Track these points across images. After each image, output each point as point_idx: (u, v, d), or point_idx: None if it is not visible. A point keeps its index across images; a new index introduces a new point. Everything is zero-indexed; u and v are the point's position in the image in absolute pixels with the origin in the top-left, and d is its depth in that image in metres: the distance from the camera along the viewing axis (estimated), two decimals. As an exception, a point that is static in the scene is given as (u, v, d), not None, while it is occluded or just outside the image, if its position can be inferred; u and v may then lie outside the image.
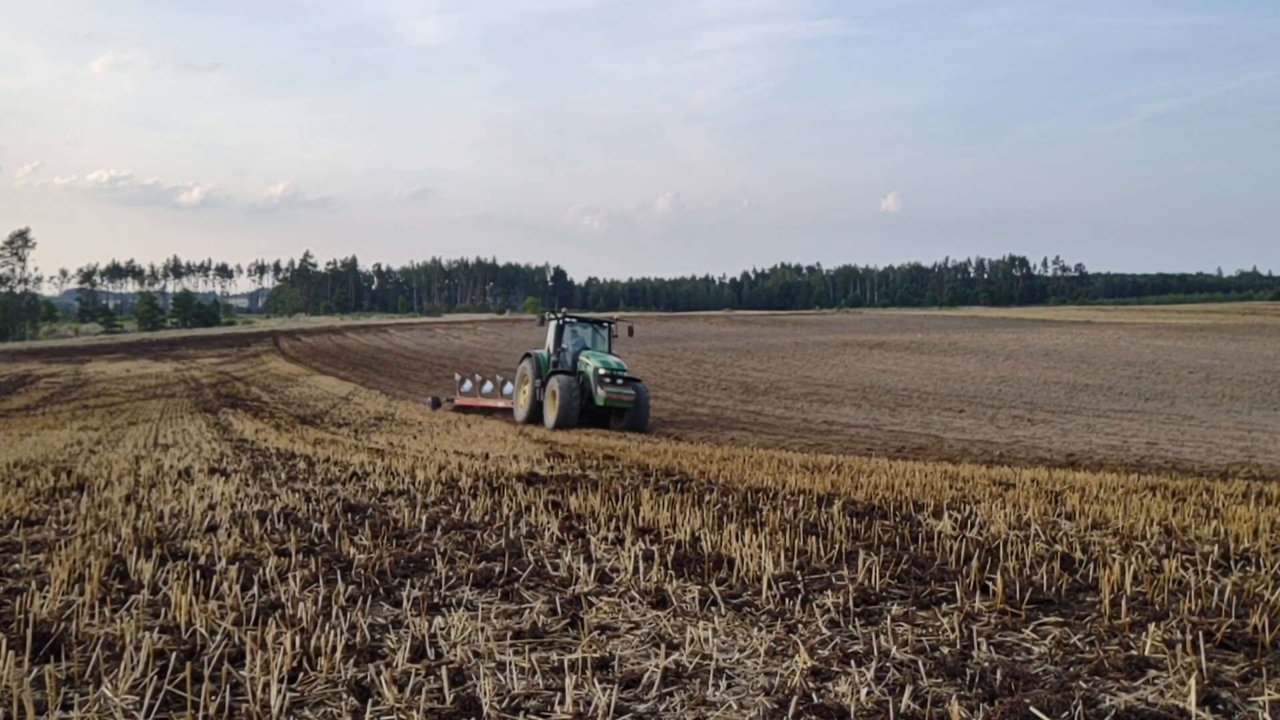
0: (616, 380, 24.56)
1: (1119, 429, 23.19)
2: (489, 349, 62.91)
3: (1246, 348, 48.28)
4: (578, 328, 27.86)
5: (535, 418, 25.87)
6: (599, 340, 27.86)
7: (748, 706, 3.01)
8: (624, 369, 25.24)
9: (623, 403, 24.36)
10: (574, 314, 28.78)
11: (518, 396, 27.54)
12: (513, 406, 28.22)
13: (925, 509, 7.44)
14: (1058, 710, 2.83)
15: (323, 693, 3.17)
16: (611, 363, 25.11)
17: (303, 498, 8.00)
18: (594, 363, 24.89)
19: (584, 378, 25.15)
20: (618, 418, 24.95)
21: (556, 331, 27.27)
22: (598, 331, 28.15)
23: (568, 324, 27.65)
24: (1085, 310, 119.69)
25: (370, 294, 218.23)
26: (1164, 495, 8.66)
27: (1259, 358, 43.30)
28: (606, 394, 24.10)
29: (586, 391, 24.70)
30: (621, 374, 24.83)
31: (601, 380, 24.38)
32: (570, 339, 27.28)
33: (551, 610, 4.17)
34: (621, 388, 24.48)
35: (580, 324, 28.10)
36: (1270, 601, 4.15)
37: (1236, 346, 49.16)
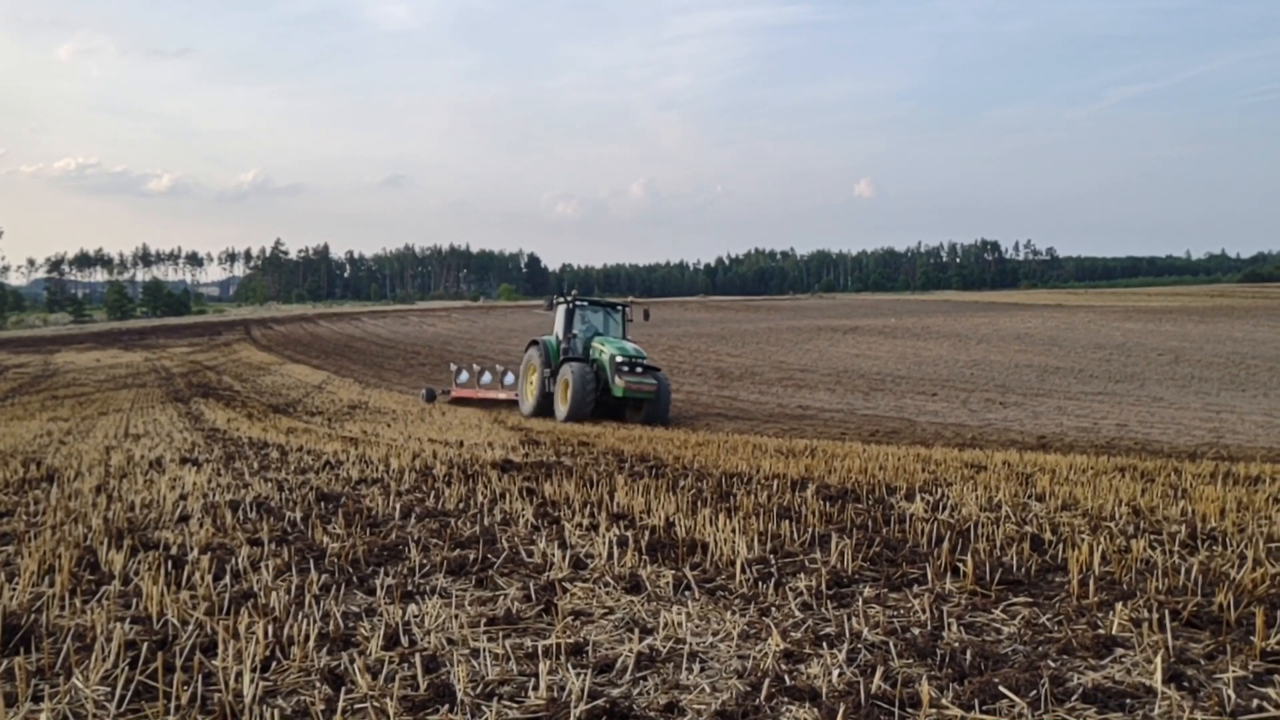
0: (635, 368, 22.60)
1: (1089, 411, 23.40)
2: (463, 336, 62.72)
3: (1214, 330, 48.81)
4: (589, 312, 25.65)
5: (544, 410, 23.87)
6: (612, 325, 25.71)
7: (720, 689, 3.03)
8: (643, 356, 23.21)
9: (643, 393, 22.34)
10: (585, 297, 26.38)
11: (524, 387, 25.49)
12: (516, 398, 26.42)
13: (898, 492, 7.49)
14: (1026, 689, 2.87)
15: (295, 681, 3.16)
16: (629, 349, 23.16)
17: (275, 487, 7.96)
18: (610, 349, 22.94)
19: (598, 366, 23.15)
20: (635, 410, 23.03)
21: (566, 316, 24.99)
22: (610, 315, 25.96)
23: (578, 308, 25.33)
24: (1056, 294, 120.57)
25: (343, 282, 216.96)
26: (1133, 476, 8.75)
27: (1227, 339, 43.79)
28: (625, 384, 22.16)
29: (601, 381, 22.73)
30: (641, 362, 22.85)
31: (619, 368, 22.40)
32: (580, 324, 25.06)
33: (526, 597, 4.18)
34: (642, 377, 22.51)
35: (592, 308, 25.89)
36: (1236, 580, 4.21)
37: (1205, 329, 49.69)
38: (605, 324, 25.60)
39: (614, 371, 22.38)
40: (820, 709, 2.79)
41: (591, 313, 25.67)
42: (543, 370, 24.28)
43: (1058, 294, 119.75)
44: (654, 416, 22.34)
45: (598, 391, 22.45)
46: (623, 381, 22.13)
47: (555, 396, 23.27)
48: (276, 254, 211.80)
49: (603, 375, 22.79)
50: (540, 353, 24.65)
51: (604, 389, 22.61)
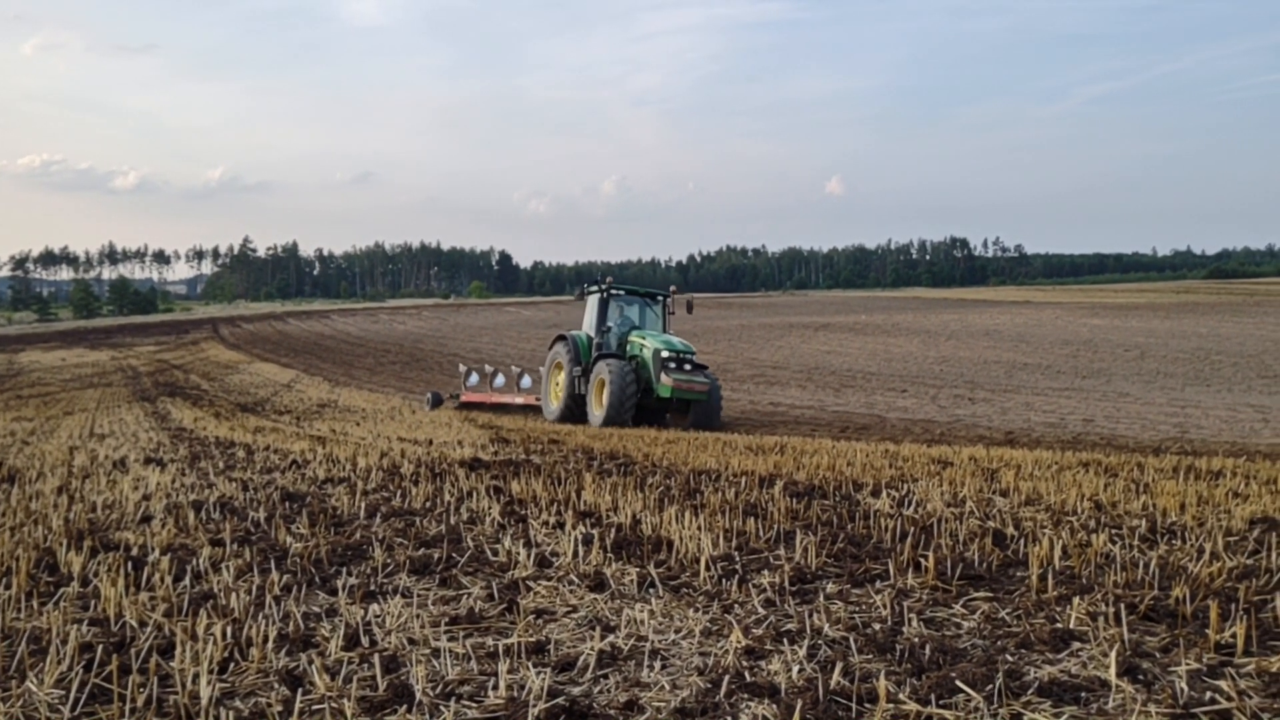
0: (684, 365, 19.82)
1: (1056, 406, 23.60)
2: (434, 334, 62.46)
3: (1180, 326, 49.37)
4: (624, 302, 22.72)
5: (573, 414, 20.97)
6: (649, 318, 22.81)
7: (681, 687, 3.03)
8: (692, 351, 20.43)
9: (694, 394, 19.42)
10: (622, 285, 23.05)
11: (548, 389, 22.50)
12: (534, 402, 23.83)
13: (865, 488, 7.53)
14: (982, 683, 2.89)
15: (254, 683, 3.14)
16: (676, 343, 20.22)
17: (240, 487, 7.90)
18: (654, 343, 20.09)
19: (639, 363, 20.34)
20: (679, 414, 20.17)
21: (599, 307, 21.99)
22: (649, 307, 22.98)
23: (613, 297, 22.38)
24: (1024, 290, 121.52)
25: (312, 279, 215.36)
26: (1097, 471, 8.83)
27: (1192, 335, 44.29)
28: (674, 382, 19.25)
29: (642, 380, 19.87)
30: (690, 357, 20.11)
31: (665, 365, 19.61)
32: (615, 317, 22.21)
33: (489, 596, 4.17)
34: (692, 375, 19.71)
35: (628, 298, 22.91)
36: (1193, 573, 4.26)
37: (1170, 325, 50.24)
38: (642, 316, 22.81)
39: (659, 369, 19.66)
40: (779, 706, 2.80)
41: (626, 304, 22.82)
42: (571, 369, 21.38)
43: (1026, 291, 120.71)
44: (704, 421, 19.41)
45: (639, 393, 19.70)
46: (670, 380, 19.35)
47: (589, 398, 20.45)
48: (245, 252, 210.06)
49: (644, 374, 20.03)
50: (569, 349, 21.74)
51: (645, 389, 19.89)
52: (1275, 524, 5.68)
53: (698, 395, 19.49)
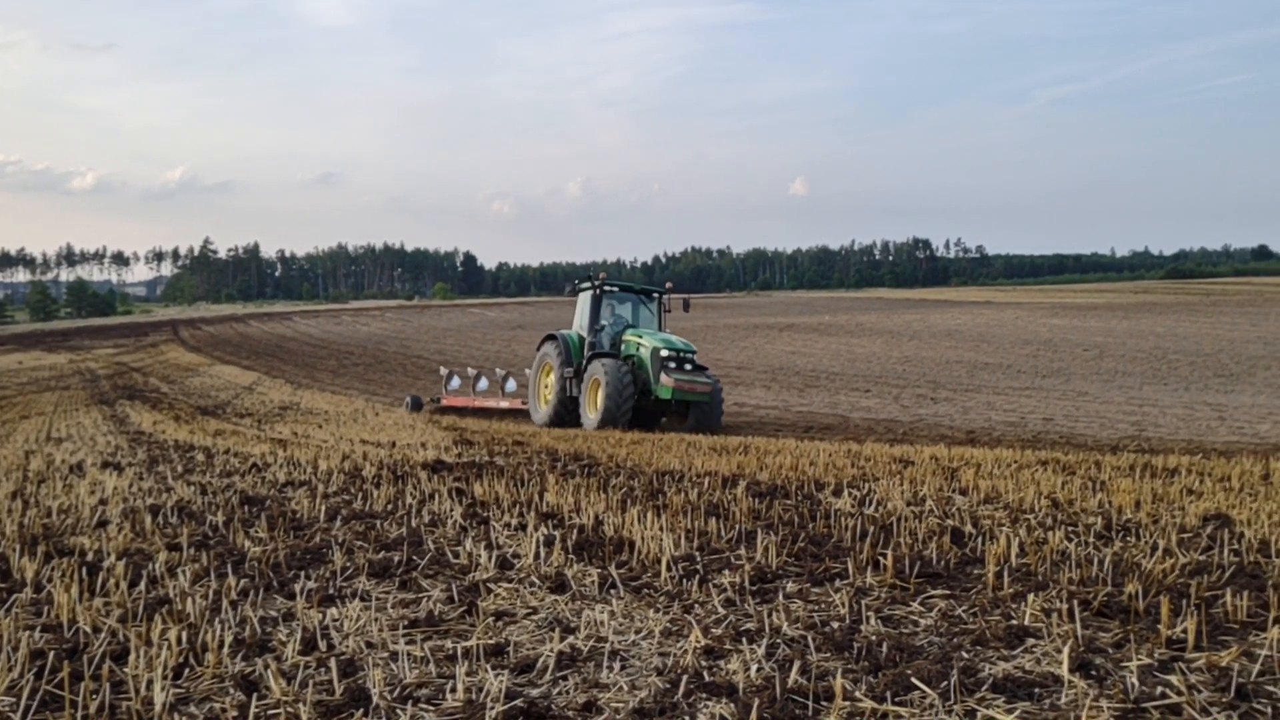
0: (684, 365, 19.00)
1: (1017, 406, 23.84)
2: (398, 336, 62.08)
3: (1138, 325, 50.03)
4: (617, 300, 21.84)
5: (565, 417, 20.05)
6: (644, 316, 21.90)
7: (640, 687, 3.04)
8: (692, 350, 19.59)
9: (696, 395, 18.59)
10: (615, 281, 22.08)
11: (536, 391, 21.58)
12: (520, 406, 22.91)
13: (827, 488, 7.57)
14: (937, 680, 2.91)
15: (209, 688, 3.11)
16: (676, 342, 19.41)
17: (199, 490, 7.82)
18: (652, 342, 19.25)
19: (636, 363, 19.44)
20: (677, 417, 19.33)
21: (592, 304, 21.01)
22: (644, 304, 22.04)
23: (606, 295, 21.42)
24: (985, 291, 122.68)
25: (274, 281, 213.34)
26: (1055, 469, 8.94)
27: (1149, 335, 44.91)
28: (675, 383, 18.39)
29: (639, 381, 18.99)
30: (691, 357, 19.32)
31: (665, 365, 18.77)
32: (607, 315, 21.33)
33: (449, 598, 4.15)
34: (693, 375, 18.91)
35: (621, 295, 22.00)
36: (1146, 570, 4.32)
37: (1128, 324, 50.89)
38: (636, 314, 21.93)
39: (658, 368, 18.80)
40: (737, 705, 2.81)
41: (619, 301, 21.92)
42: (562, 370, 20.44)
43: (987, 291, 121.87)
44: (705, 424, 18.56)
45: (636, 394, 18.85)
46: (671, 380, 18.47)
47: (582, 401, 19.53)
48: (205, 253, 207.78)
49: (641, 374, 19.16)
50: (559, 349, 20.83)
51: (643, 390, 19.04)
52: (1228, 520, 5.77)
53: (700, 396, 18.69)
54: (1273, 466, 9.17)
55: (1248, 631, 3.51)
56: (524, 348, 46.92)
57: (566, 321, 23.06)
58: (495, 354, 44.34)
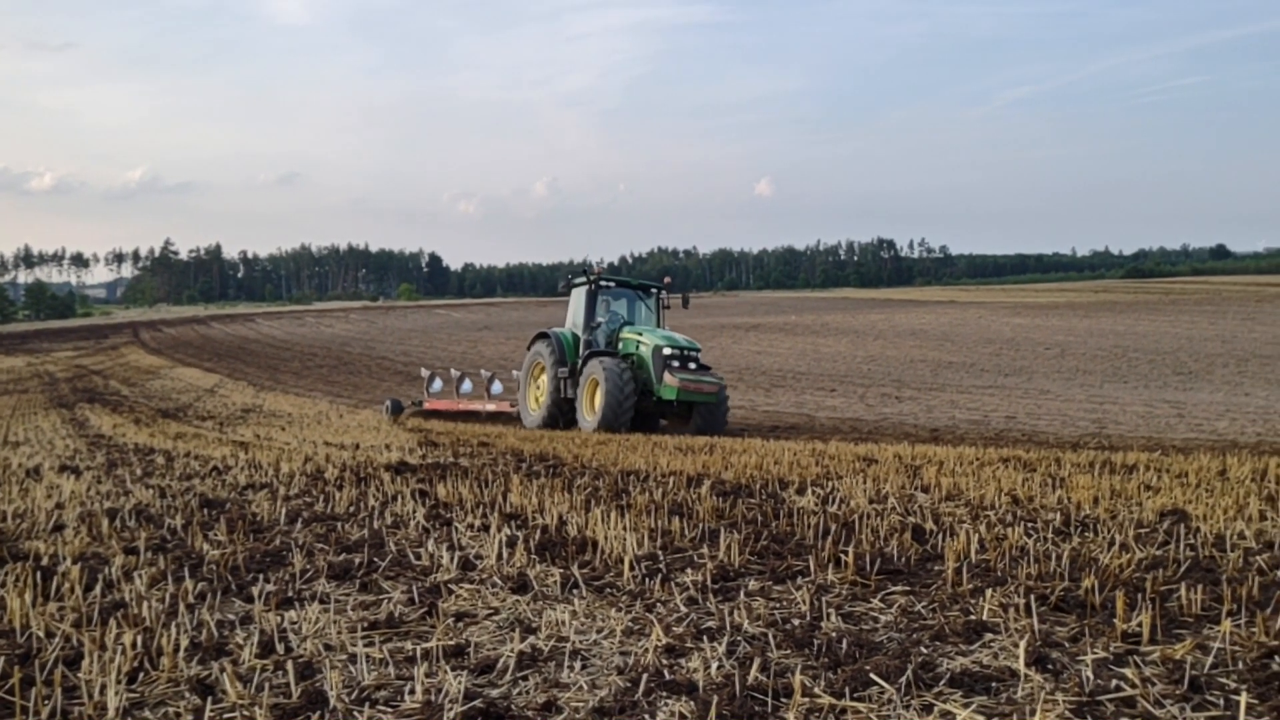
0: (688, 364, 18.01)
1: (980, 404, 24.05)
2: (362, 337, 61.67)
3: (1098, 324, 50.61)
4: (612, 296, 20.70)
5: (557, 419, 19.14)
6: (642, 313, 20.86)
7: (600, 686, 3.03)
8: (697, 348, 18.62)
9: (703, 395, 17.59)
10: (612, 276, 20.86)
11: (527, 393, 20.49)
12: (508, 409, 21.80)
13: (790, 486, 7.60)
14: (896, 675, 2.93)
15: (164, 692, 3.07)
16: (680, 340, 18.42)
17: (157, 494, 7.72)
18: (653, 340, 18.22)
19: (636, 361, 18.43)
20: (678, 419, 18.45)
21: (588, 300, 19.86)
22: (641, 301, 20.99)
23: (603, 290, 20.29)
24: (949, 290, 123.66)
25: (236, 283, 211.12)
26: (1016, 466, 9.02)
27: (1110, 333, 45.45)
28: (680, 383, 17.34)
29: (639, 380, 17.96)
30: (695, 355, 18.38)
31: (668, 363, 17.75)
32: (603, 311, 20.25)
33: (410, 600, 4.13)
34: (699, 375, 17.91)
35: (618, 290, 20.86)
36: (1103, 564, 4.37)
37: (1089, 323, 51.48)
38: (632, 311, 20.84)
39: (661, 367, 17.80)
40: (696, 702, 2.81)
41: (614, 297, 20.79)
42: (556, 370, 19.40)
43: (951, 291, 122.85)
44: (710, 426, 17.59)
45: (637, 394, 17.80)
46: (676, 380, 17.41)
47: (579, 402, 18.49)
48: (166, 254, 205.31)
49: (641, 373, 18.18)
50: (552, 348, 19.74)
51: (643, 391, 18.02)
52: (1184, 516, 5.85)
53: (706, 397, 17.70)
54: (1229, 463, 9.30)
55: (1202, 625, 3.55)
56: (490, 349, 46.76)
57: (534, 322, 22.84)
58: (461, 355, 44.13)
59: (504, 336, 53.67)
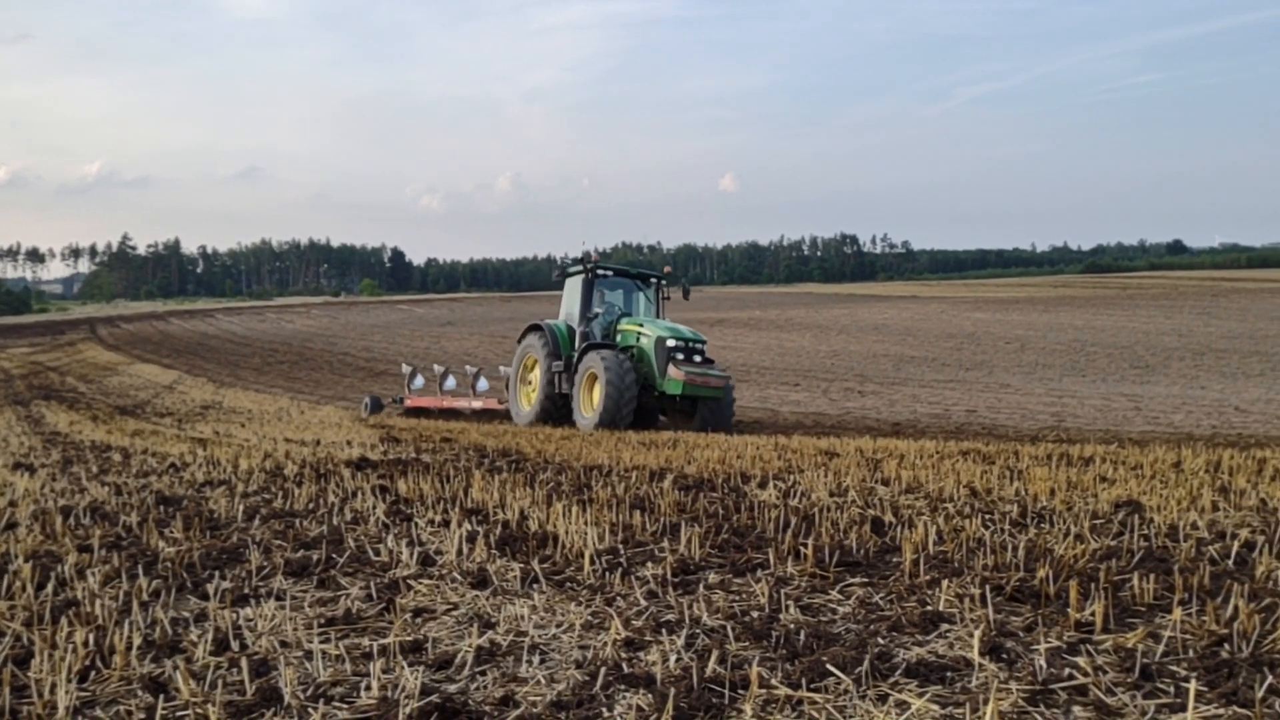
0: (693, 357, 17.27)
1: (941, 398, 24.26)
2: (324, 333, 61.15)
3: (1057, 319, 51.20)
4: (608, 286, 19.82)
5: (551, 415, 18.32)
6: (639, 304, 19.97)
7: (558, 680, 3.03)
8: (702, 341, 17.82)
9: (710, 390, 16.91)
10: (609, 265, 19.97)
11: (517, 389, 19.62)
12: (501, 405, 20.87)
13: (752, 480, 7.62)
14: (852, 666, 2.95)
15: (115, 690, 3.03)
16: (685, 332, 17.68)
17: (113, 491, 7.61)
18: (655, 331, 17.42)
19: (637, 354, 17.57)
20: (681, 415, 17.77)
21: (584, 290, 18.97)
22: (640, 290, 20.05)
23: (600, 280, 19.36)
24: (911, 285, 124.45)
25: (195, 278, 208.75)
26: (975, 459, 9.10)
27: (1069, 328, 45.99)
28: (687, 377, 16.61)
29: (641, 374, 17.16)
30: (701, 348, 17.59)
31: (672, 356, 16.99)
32: (599, 302, 19.43)
33: (368, 596, 4.10)
34: (706, 369, 17.21)
35: (615, 280, 19.93)
36: (1058, 555, 4.42)
37: (1049, 318, 52.07)
38: (630, 302, 19.99)
39: (665, 360, 17.02)
40: (654, 695, 2.81)
41: (610, 288, 19.91)
42: (550, 364, 18.51)
43: (913, 286, 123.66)
44: (716, 421, 16.95)
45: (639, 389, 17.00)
46: (682, 374, 16.64)
47: (576, 397, 17.69)
48: (124, 249, 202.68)
49: (642, 367, 17.36)
50: (545, 341, 18.83)
51: (644, 385, 17.26)
52: (1139, 507, 5.93)
53: (714, 392, 17.02)
54: (1184, 454, 9.44)
55: (1154, 613, 3.60)
56: (453, 344, 46.56)
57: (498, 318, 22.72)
58: (424, 350, 43.89)
59: (467, 332, 53.47)
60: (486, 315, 68.47)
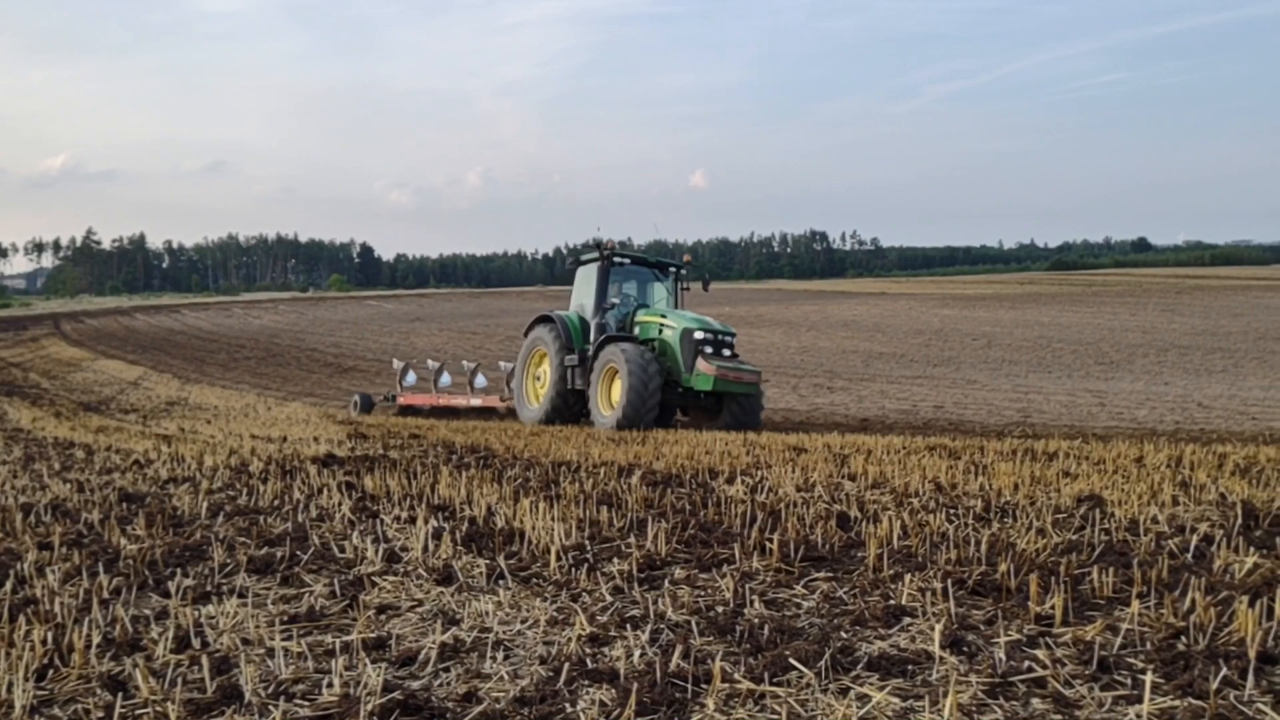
0: (723, 350, 16.18)
1: (909, 394, 24.42)
2: (291, 329, 60.66)
3: (1024, 315, 51.63)
4: (622, 276, 18.44)
5: (562, 413, 17.07)
6: (656, 294, 18.73)
7: (522, 676, 3.02)
8: (732, 333, 16.76)
9: (743, 386, 15.81)
10: (626, 253, 18.54)
11: (524, 385, 18.34)
12: (504, 403, 19.84)
13: (720, 475, 7.64)
14: (815, 660, 2.96)
15: (74, 689, 3.00)
16: (713, 323, 16.54)
17: (75, 488, 7.54)
18: (680, 322, 16.30)
19: (660, 348, 16.39)
20: (704, 413, 16.67)
21: (600, 278, 17.65)
22: (658, 280, 18.81)
23: (616, 268, 18.06)
24: (881, 282, 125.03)
25: (161, 273, 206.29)
26: (941, 454, 9.17)
27: (1035, 324, 46.39)
28: (719, 371, 15.43)
29: (664, 368, 15.94)
30: (730, 341, 16.53)
31: (700, 349, 15.85)
32: (614, 292, 18.14)
33: (332, 593, 4.08)
34: (738, 363, 16.18)
35: (631, 269, 18.58)
36: (1020, 549, 4.46)
37: (1015, 314, 52.49)
38: (645, 292, 18.71)
39: (691, 354, 15.88)
40: (617, 690, 2.82)
41: (624, 278, 18.57)
42: (561, 357, 17.21)
43: (882, 282, 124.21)
44: (746, 420, 15.95)
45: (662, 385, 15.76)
46: (713, 368, 15.45)
47: (592, 395, 16.43)
48: (88, 244, 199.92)
49: (665, 361, 16.16)
50: (556, 333, 17.50)
51: (668, 381, 16.04)
52: (1100, 501, 5.99)
53: (746, 388, 15.95)
54: (1146, 450, 9.56)
55: (1113, 606, 3.64)
56: (423, 340, 46.34)
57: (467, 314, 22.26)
58: (393, 346, 43.65)
59: (437, 328, 53.19)
60: (456, 311, 68.17)
